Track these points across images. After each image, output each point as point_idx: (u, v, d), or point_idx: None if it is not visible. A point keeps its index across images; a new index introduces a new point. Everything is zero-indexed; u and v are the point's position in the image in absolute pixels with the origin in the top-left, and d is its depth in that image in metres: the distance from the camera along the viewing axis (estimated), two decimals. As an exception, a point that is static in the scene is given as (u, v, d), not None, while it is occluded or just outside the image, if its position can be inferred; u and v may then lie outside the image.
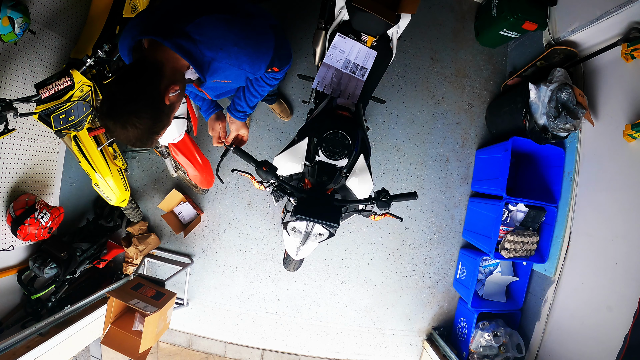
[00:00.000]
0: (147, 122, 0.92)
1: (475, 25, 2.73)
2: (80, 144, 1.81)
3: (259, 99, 1.44)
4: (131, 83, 0.91)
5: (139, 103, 0.90)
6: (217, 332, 2.68)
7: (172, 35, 0.97)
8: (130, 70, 0.94)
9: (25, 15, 1.64)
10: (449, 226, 2.70)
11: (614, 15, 1.87)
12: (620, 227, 1.90)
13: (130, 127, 0.90)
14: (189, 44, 0.99)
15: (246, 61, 1.10)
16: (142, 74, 0.93)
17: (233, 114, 1.46)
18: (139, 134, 0.92)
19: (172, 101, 0.98)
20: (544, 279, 2.35)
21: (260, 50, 1.13)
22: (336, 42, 1.74)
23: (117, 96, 0.90)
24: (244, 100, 1.42)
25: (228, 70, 1.10)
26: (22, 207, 1.85)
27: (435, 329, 2.65)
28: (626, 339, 1.67)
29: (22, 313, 2.04)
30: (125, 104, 0.89)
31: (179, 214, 2.62)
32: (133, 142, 0.94)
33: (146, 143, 0.96)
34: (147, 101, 0.92)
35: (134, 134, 0.91)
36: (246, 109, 1.45)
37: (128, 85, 0.91)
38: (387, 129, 2.68)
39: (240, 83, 1.28)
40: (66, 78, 1.64)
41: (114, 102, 0.90)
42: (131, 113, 0.89)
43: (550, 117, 2.09)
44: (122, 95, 0.90)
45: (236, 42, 1.05)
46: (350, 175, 1.43)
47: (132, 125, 0.90)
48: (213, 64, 1.06)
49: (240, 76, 1.18)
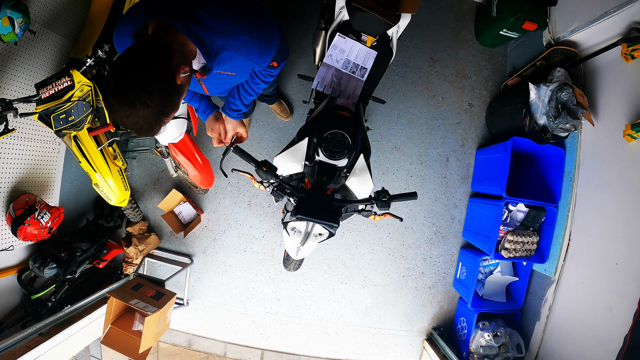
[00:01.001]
0: (159, 100, 0.85)
1: (475, 25, 2.73)
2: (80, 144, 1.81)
3: (254, 97, 1.42)
4: (142, 58, 0.85)
5: (152, 78, 0.84)
6: (217, 332, 2.68)
7: (183, 18, 0.93)
8: (140, 47, 0.88)
9: (25, 15, 1.64)
10: (449, 226, 2.70)
11: (614, 15, 1.87)
12: (620, 227, 1.90)
13: (140, 105, 0.82)
14: (200, 30, 0.95)
15: (256, 52, 1.07)
16: (153, 50, 0.87)
17: (228, 113, 1.44)
18: (148, 114, 0.84)
19: (182, 82, 0.94)
20: (544, 279, 2.35)
21: (270, 42, 1.11)
22: (336, 42, 1.74)
23: (127, 72, 0.82)
24: (239, 98, 1.40)
25: (235, 60, 1.08)
26: (22, 207, 1.85)
27: (435, 329, 2.65)
28: (626, 339, 1.67)
29: (22, 313, 2.04)
30: (137, 80, 0.82)
31: (179, 214, 2.62)
32: (140, 124, 0.85)
33: (153, 126, 0.89)
34: (160, 77, 0.86)
35: (144, 113, 0.83)
36: (241, 107, 1.43)
37: (139, 60, 0.84)
38: (387, 129, 2.68)
39: (243, 77, 1.25)
40: (66, 78, 1.64)
41: (123, 77, 0.82)
42: (143, 89, 0.82)
43: (550, 117, 2.09)
44: (133, 71, 0.83)
45: (248, 32, 1.03)
46: (350, 175, 1.43)
47: (143, 102, 0.82)
48: (222, 52, 1.02)
49: (246, 69, 1.15)
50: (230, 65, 1.10)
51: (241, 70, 1.15)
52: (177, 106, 0.93)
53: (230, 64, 1.10)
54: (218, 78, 1.20)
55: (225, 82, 1.26)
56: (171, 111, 0.91)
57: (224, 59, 1.06)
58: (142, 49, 0.87)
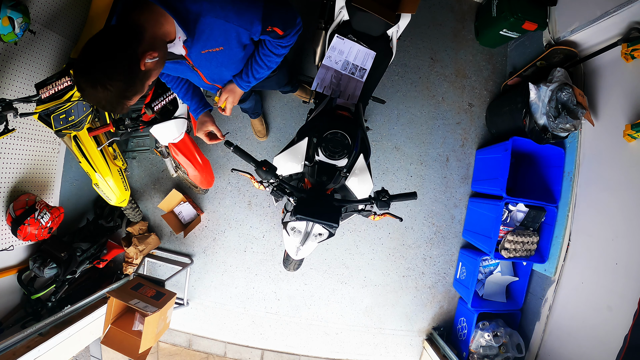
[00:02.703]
0: (119, 85, 0.89)
1: (475, 25, 2.73)
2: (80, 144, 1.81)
3: (265, 71, 1.36)
4: (108, 42, 0.88)
5: (113, 64, 0.87)
6: (217, 332, 2.68)
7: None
8: (109, 30, 0.91)
9: (25, 15, 1.64)
10: (449, 226, 2.70)
11: (614, 15, 1.87)
12: (620, 227, 1.90)
13: (100, 88, 0.87)
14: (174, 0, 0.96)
15: (231, 10, 1.03)
16: (119, 35, 0.90)
17: (237, 80, 1.40)
18: (109, 97, 0.89)
19: (147, 67, 0.95)
20: (544, 279, 2.35)
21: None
22: (335, 43, 1.74)
23: (92, 54, 0.86)
24: (250, 70, 1.35)
25: (215, 27, 1.05)
26: (22, 207, 1.85)
27: (435, 329, 2.65)
28: (626, 339, 1.67)
29: (22, 313, 2.04)
30: (99, 63, 0.86)
31: (179, 214, 2.63)
32: (103, 104, 0.91)
33: (116, 107, 0.93)
34: (121, 63, 0.88)
35: (104, 95, 0.88)
36: (251, 79, 1.38)
37: (104, 44, 0.88)
38: (387, 129, 2.68)
39: (234, 50, 1.19)
40: (66, 78, 1.64)
41: (88, 59, 0.87)
42: (104, 73, 0.86)
43: (550, 117, 2.09)
44: (97, 54, 0.87)
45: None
46: (350, 175, 1.43)
47: (103, 86, 0.87)
48: (199, 22, 1.02)
49: (231, 37, 1.11)
50: (213, 36, 1.08)
51: (226, 40, 1.12)
52: (140, 90, 0.96)
53: (212, 35, 1.07)
54: (209, 60, 1.18)
55: (218, 62, 1.23)
56: (133, 95, 0.94)
57: (204, 29, 1.04)
58: (110, 33, 0.90)
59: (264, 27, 1.11)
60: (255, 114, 2.38)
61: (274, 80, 1.76)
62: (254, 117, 2.44)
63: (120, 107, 0.94)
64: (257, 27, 1.09)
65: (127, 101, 0.94)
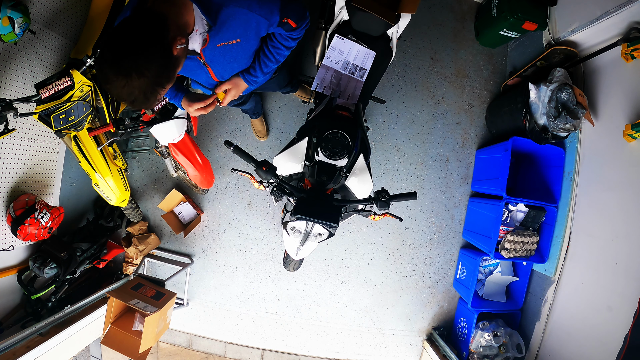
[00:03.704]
0: (156, 70, 0.86)
1: (475, 25, 2.73)
2: (80, 144, 1.81)
3: (274, 65, 1.36)
4: (139, 28, 0.85)
5: (149, 48, 0.84)
6: (217, 332, 2.68)
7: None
8: (136, 17, 0.88)
9: (25, 15, 1.64)
10: (449, 226, 2.70)
11: (614, 15, 1.87)
12: (620, 227, 1.90)
13: (136, 75, 0.83)
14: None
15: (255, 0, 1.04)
16: (148, 22, 0.88)
17: (244, 76, 1.39)
18: (144, 84, 0.85)
19: (178, 54, 0.94)
20: (544, 279, 2.35)
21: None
22: (334, 43, 1.74)
23: (124, 41, 0.83)
24: (259, 64, 1.35)
25: (237, 17, 1.06)
26: (22, 207, 1.85)
27: (435, 329, 2.65)
28: (626, 339, 1.67)
29: (22, 313, 2.04)
30: (132, 50, 0.82)
31: (179, 214, 2.63)
32: (135, 94, 0.86)
33: (149, 97, 0.89)
34: (156, 47, 0.86)
35: (139, 84, 0.84)
36: (259, 73, 1.38)
37: (135, 30, 0.85)
38: (387, 129, 2.68)
39: (251, 43, 1.21)
40: (66, 78, 1.64)
41: (119, 47, 0.82)
42: (140, 57, 0.83)
43: (550, 117, 2.09)
44: (130, 41, 0.83)
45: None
46: (350, 175, 1.43)
47: (139, 72, 0.83)
48: (222, 11, 1.02)
49: (251, 27, 1.12)
50: (233, 26, 1.08)
51: (245, 31, 1.12)
52: (172, 78, 0.94)
53: (232, 26, 1.07)
54: (223, 54, 1.18)
55: (231, 57, 1.23)
56: (167, 82, 0.92)
57: (225, 20, 1.04)
58: (139, 19, 0.87)
59: (280, 18, 1.14)
60: (256, 114, 2.38)
61: (275, 81, 1.76)
62: (254, 117, 2.44)
63: (154, 97, 0.90)
64: (275, 17, 1.12)
65: (161, 90, 0.91)
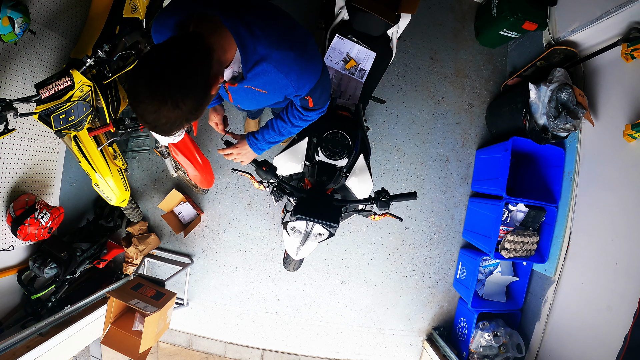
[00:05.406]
0: (191, 105, 0.78)
1: (475, 25, 2.73)
2: (80, 144, 1.80)
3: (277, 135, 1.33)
4: (186, 56, 0.77)
5: (192, 81, 0.77)
6: (217, 332, 2.68)
7: (233, 18, 0.88)
8: (184, 42, 0.80)
9: (25, 15, 1.64)
10: (449, 226, 2.70)
11: (614, 15, 1.87)
12: (620, 227, 1.90)
13: (171, 105, 0.75)
14: (247, 35, 0.90)
15: (296, 71, 1.01)
16: (198, 50, 0.80)
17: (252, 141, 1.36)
18: (174, 116, 0.77)
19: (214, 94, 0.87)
20: (544, 279, 2.35)
21: (310, 67, 1.05)
22: (335, 43, 1.74)
23: (167, 66, 0.75)
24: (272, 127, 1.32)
25: (271, 75, 1.02)
26: (22, 207, 1.85)
27: (435, 329, 2.65)
28: (626, 339, 1.67)
29: (22, 313, 2.04)
30: (177, 78, 0.75)
31: (179, 214, 2.62)
32: (162, 122, 0.78)
33: (172, 129, 0.81)
34: (199, 81, 0.78)
35: (171, 114, 0.76)
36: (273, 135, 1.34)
37: (182, 57, 0.76)
38: (387, 129, 2.68)
39: (273, 99, 1.17)
40: (66, 78, 1.64)
41: (161, 71, 0.74)
42: (180, 90, 0.75)
43: (550, 117, 2.09)
44: (174, 67, 0.75)
45: (293, 49, 0.97)
46: (350, 175, 1.43)
47: (175, 103, 0.75)
48: (260, 64, 0.97)
49: (280, 88, 1.08)
50: (264, 80, 1.04)
51: (274, 88, 1.08)
52: (200, 115, 0.86)
53: (264, 79, 1.04)
54: (247, 92, 1.14)
55: (252, 98, 1.20)
56: (194, 119, 0.84)
57: (260, 73, 1.01)
58: (187, 45, 0.79)
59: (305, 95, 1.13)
60: (255, 115, 2.38)
61: None
62: (252, 118, 2.44)
63: (178, 129, 0.82)
64: (305, 91, 1.10)
65: (187, 124, 0.84)
